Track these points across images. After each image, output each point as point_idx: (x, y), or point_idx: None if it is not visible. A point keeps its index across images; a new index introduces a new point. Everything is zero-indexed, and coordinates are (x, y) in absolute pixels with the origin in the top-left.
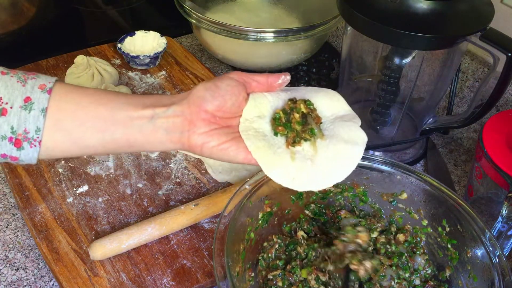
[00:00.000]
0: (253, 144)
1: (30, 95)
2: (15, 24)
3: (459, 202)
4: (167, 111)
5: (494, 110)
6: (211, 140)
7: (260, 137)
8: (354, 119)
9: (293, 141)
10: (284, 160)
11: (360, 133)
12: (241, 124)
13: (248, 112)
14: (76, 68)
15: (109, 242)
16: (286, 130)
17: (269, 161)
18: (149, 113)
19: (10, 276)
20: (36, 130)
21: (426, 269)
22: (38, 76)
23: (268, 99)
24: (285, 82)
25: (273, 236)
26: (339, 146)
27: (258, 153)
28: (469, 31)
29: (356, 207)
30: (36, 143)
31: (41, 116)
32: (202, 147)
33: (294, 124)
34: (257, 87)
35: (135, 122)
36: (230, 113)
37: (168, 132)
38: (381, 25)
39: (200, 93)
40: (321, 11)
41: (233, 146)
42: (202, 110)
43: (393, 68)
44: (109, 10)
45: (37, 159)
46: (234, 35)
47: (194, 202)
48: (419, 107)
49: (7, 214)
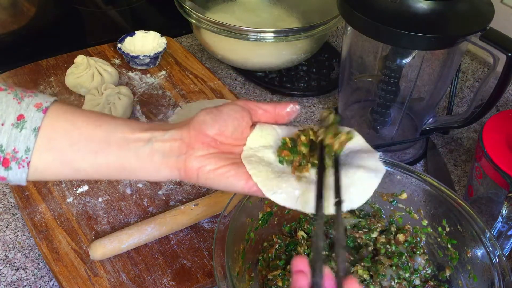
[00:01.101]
0: (254, 168)
1: (24, 113)
2: (15, 24)
3: (459, 202)
4: (165, 135)
5: (494, 110)
6: (208, 163)
7: (263, 164)
8: (373, 153)
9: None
10: (288, 182)
11: (377, 163)
12: (244, 152)
13: (253, 141)
14: (76, 68)
15: (109, 242)
16: (291, 155)
17: (271, 183)
18: (146, 136)
19: (10, 276)
20: (25, 150)
21: (426, 269)
22: (37, 95)
23: (277, 132)
24: (294, 112)
25: (273, 236)
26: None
27: (259, 177)
28: (469, 31)
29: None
30: (25, 163)
31: (32, 136)
32: (198, 172)
33: (300, 146)
34: (263, 115)
35: (131, 145)
36: (232, 138)
37: (164, 156)
38: (381, 25)
39: (200, 118)
40: (321, 11)
41: (232, 171)
42: (202, 134)
43: (393, 68)
44: (109, 10)
45: (25, 180)
46: (234, 35)
47: (194, 202)
48: (419, 107)
49: (7, 214)
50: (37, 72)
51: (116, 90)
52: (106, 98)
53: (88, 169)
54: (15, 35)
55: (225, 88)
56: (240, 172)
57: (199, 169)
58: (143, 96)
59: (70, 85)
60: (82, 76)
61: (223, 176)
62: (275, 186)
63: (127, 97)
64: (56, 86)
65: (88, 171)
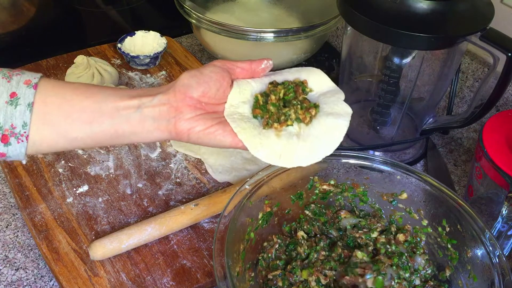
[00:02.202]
0: (238, 126)
1: (16, 90)
2: (15, 24)
3: (459, 202)
4: (153, 100)
5: (494, 110)
6: (197, 125)
7: (245, 120)
8: (338, 94)
9: (266, 123)
10: (269, 139)
11: (344, 107)
12: (226, 110)
13: (233, 98)
14: (76, 68)
15: (109, 242)
16: (263, 113)
17: (255, 141)
18: (135, 103)
19: (10, 276)
20: (23, 125)
21: (426, 269)
22: (23, 73)
23: (252, 85)
24: (268, 67)
25: (273, 236)
26: (324, 121)
27: (243, 134)
28: (469, 31)
29: (356, 207)
30: (23, 138)
31: (28, 111)
32: (189, 133)
33: (269, 105)
34: (241, 73)
35: (122, 113)
36: (215, 99)
37: (155, 121)
38: (381, 25)
39: (185, 81)
40: (321, 11)
41: (220, 130)
42: (188, 96)
43: (393, 68)
44: (109, 10)
45: (24, 154)
46: (234, 35)
47: (194, 202)
48: (419, 107)
49: (7, 214)
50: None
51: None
52: None
53: (85, 137)
54: (15, 35)
55: None
56: (227, 131)
57: (189, 130)
58: None
59: None
60: (82, 76)
61: (212, 135)
62: (258, 144)
63: None
64: None
65: (85, 139)
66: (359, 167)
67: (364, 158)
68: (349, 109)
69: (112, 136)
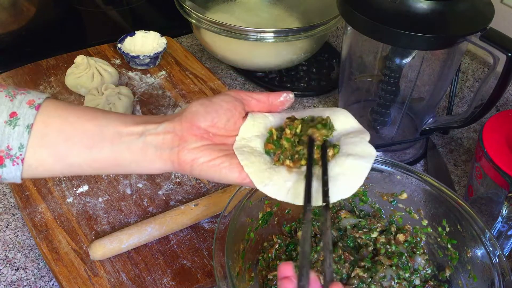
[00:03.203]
0: (246, 159)
1: (17, 110)
2: (15, 24)
3: (459, 202)
4: (158, 128)
5: (494, 110)
6: (201, 155)
7: (255, 154)
8: (362, 135)
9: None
10: (279, 174)
11: (366, 148)
12: (237, 142)
13: (246, 131)
14: (76, 68)
15: (109, 242)
16: (276, 148)
17: (263, 176)
18: (139, 130)
19: (10, 276)
20: (19, 147)
21: (426, 269)
22: (29, 92)
23: (269, 119)
24: (287, 101)
25: (273, 236)
26: (343, 162)
27: (251, 168)
28: (469, 31)
29: (356, 207)
30: (19, 161)
31: (26, 133)
32: (192, 163)
33: (283, 140)
34: (257, 105)
35: (124, 139)
36: (224, 129)
37: (158, 149)
38: (381, 25)
39: (193, 109)
40: (321, 11)
41: (226, 163)
42: (195, 125)
43: (393, 68)
44: (109, 10)
45: (20, 178)
46: (234, 35)
47: (194, 202)
48: (419, 107)
49: (7, 214)
50: (37, 72)
51: (116, 90)
52: (106, 98)
53: (82, 164)
54: (15, 35)
55: (225, 88)
56: (233, 164)
57: (192, 161)
58: (143, 96)
59: (70, 85)
60: (82, 76)
61: (217, 168)
62: (266, 178)
63: (127, 97)
64: (56, 86)
65: (82, 166)
66: None
67: None
68: (373, 151)
69: (111, 164)
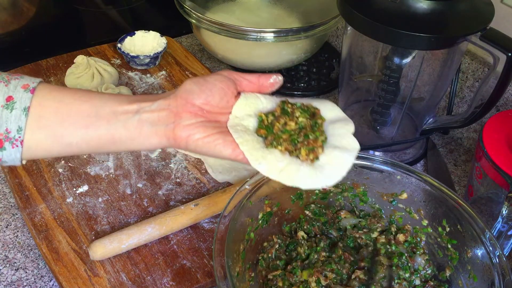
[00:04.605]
0: (240, 137)
1: (13, 94)
2: (15, 24)
3: (459, 202)
4: (152, 106)
5: (494, 110)
6: (196, 132)
7: (249, 133)
8: (347, 126)
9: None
10: (272, 154)
11: (352, 141)
12: (230, 120)
13: (238, 110)
14: (76, 68)
15: (109, 242)
16: (267, 134)
17: (257, 154)
18: (134, 108)
19: (10, 276)
20: (18, 129)
21: (426, 269)
22: (22, 77)
23: (261, 101)
24: (277, 83)
25: (273, 236)
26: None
27: (246, 146)
28: (469, 31)
29: (356, 207)
30: (18, 143)
31: (23, 115)
32: (187, 140)
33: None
34: (248, 86)
35: (119, 117)
36: (218, 107)
37: (153, 126)
38: (381, 25)
39: (187, 87)
40: (321, 11)
41: (220, 139)
42: (189, 103)
43: (393, 68)
44: (109, 10)
45: (20, 160)
46: (234, 35)
47: (194, 202)
48: (419, 107)
49: (7, 214)
50: (37, 72)
51: (116, 90)
52: None
53: (80, 143)
54: (15, 35)
55: None
56: (228, 141)
57: (187, 137)
58: None
59: (70, 85)
60: (82, 76)
61: (211, 144)
62: (260, 157)
63: None
64: None
65: (80, 145)
66: (359, 167)
67: (364, 158)
68: (357, 145)
69: (108, 142)
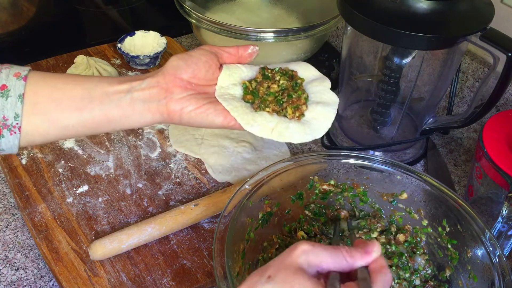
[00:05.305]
0: (230, 105)
1: (6, 82)
2: (15, 24)
3: (459, 202)
4: (142, 84)
5: (494, 110)
6: (188, 104)
7: (237, 100)
8: (324, 83)
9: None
10: (262, 116)
11: (331, 95)
12: (217, 91)
13: (223, 80)
14: (76, 68)
15: (109, 242)
16: (254, 98)
17: (248, 118)
18: (125, 88)
19: (10, 276)
20: (15, 116)
21: (426, 269)
22: (12, 66)
23: (243, 70)
24: (254, 53)
25: (273, 236)
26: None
27: (236, 112)
28: (469, 31)
29: (356, 207)
30: (16, 129)
31: (19, 102)
32: (180, 113)
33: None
34: (228, 58)
35: (112, 97)
36: (205, 80)
37: (146, 103)
38: (381, 25)
39: (173, 63)
40: (321, 11)
41: (211, 109)
42: (177, 77)
43: (393, 68)
44: (109, 10)
45: (18, 146)
46: (234, 35)
47: (194, 202)
48: (419, 107)
49: (7, 214)
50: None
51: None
52: None
53: (76, 125)
54: (15, 35)
55: None
56: (218, 109)
57: (181, 110)
58: None
59: None
60: None
61: (204, 115)
62: (251, 120)
63: None
64: None
65: (76, 127)
66: (359, 167)
67: (364, 158)
68: (336, 98)
69: (103, 122)
